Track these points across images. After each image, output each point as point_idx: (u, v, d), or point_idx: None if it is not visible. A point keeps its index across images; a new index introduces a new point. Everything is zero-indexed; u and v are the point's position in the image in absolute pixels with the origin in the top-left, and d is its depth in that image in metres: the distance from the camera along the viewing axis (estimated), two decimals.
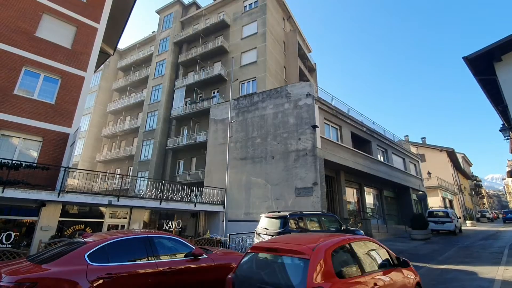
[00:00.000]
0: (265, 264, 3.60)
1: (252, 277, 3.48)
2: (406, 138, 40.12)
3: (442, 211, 20.66)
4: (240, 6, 27.25)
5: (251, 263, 3.70)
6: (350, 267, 3.47)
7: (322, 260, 3.10)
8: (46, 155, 10.70)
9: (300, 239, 3.84)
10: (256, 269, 3.60)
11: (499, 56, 9.94)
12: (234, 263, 5.29)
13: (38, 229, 9.17)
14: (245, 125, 17.45)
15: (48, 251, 4.19)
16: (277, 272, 3.34)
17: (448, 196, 35.50)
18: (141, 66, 34.06)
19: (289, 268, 3.25)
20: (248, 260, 3.73)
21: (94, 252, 3.83)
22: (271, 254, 3.58)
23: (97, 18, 13.31)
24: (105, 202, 10.49)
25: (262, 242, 4.14)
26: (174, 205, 12.99)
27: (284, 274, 3.24)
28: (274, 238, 4.89)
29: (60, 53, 11.88)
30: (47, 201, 9.32)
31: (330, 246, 3.41)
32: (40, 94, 11.23)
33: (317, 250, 3.18)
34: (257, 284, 3.25)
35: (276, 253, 3.49)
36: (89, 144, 32.04)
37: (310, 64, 32.27)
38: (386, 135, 22.76)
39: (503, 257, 9.45)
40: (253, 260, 3.71)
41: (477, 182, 62.90)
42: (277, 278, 3.25)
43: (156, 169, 25.27)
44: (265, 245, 3.80)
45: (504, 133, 10.95)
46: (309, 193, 13.75)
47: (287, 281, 3.10)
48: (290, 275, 3.17)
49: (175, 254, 4.73)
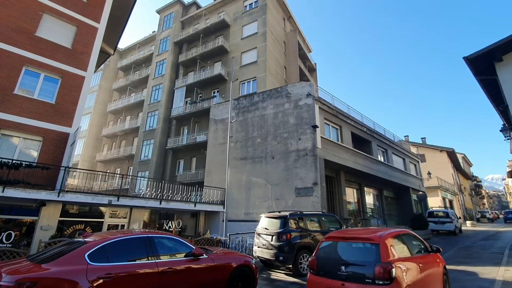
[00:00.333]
0: (341, 248, 4.69)
1: (332, 257, 4.62)
2: (406, 138, 40.11)
3: (442, 211, 20.67)
4: (240, 6, 27.24)
5: (329, 248, 4.84)
6: (403, 250, 4.61)
7: (387, 244, 4.28)
8: (46, 154, 10.69)
9: (366, 231, 5.12)
10: (334, 252, 4.70)
11: (500, 56, 9.93)
12: (235, 263, 5.30)
13: (38, 229, 9.16)
14: (245, 125, 17.45)
15: (48, 251, 4.18)
16: (354, 253, 4.50)
17: (448, 196, 35.49)
18: (141, 66, 34.06)
19: (364, 250, 4.41)
20: (325, 246, 4.90)
21: (94, 252, 3.82)
22: (346, 241, 4.74)
23: (97, 17, 13.30)
24: (105, 202, 10.48)
25: (335, 232, 5.32)
26: (174, 205, 12.98)
27: (361, 254, 4.41)
28: (343, 230, 5.76)
29: (61, 53, 11.87)
30: (47, 200, 9.31)
31: (390, 235, 4.60)
32: (40, 93, 11.21)
33: (383, 238, 4.35)
34: (339, 261, 4.40)
35: (351, 240, 4.70)
36: (89, 143, 32.04)
37: (310, 64, 32.26)
38: (386, 135, 22.75)
39: (504, 258, 9.45)
40: (330, 246, 4.86)
41: (477, 182, 62.88)
42: (355, 257, 4.40)
43: (156, 169, 25.27)
44: (339, 235, 5.01)
45: (504, 133, 10.94)
46: (309, 193, 13.74)
47: (365, 258, 4.24)
48: (365, 255, 4.32)
49: (175, 254, 4.73)
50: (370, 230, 5.09)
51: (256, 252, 8.47)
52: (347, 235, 4.88)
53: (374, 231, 4.89)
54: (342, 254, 4.54)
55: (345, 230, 5.59)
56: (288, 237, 7.64)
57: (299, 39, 28.38)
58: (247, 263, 5.54)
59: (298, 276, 7.44)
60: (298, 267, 7.56)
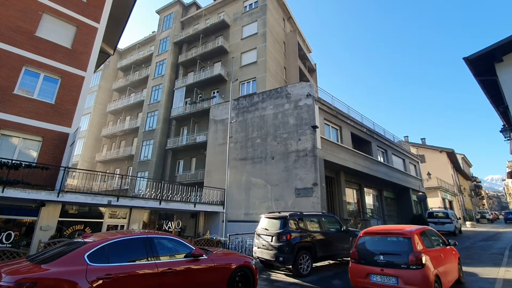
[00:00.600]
0: (377, 241, 5.75)
1: (370, 249, 5.64)
2: (406, 138, 40.13)
3: (442, 212, 20.65)
4: (240, 6, 27.26)
5: (367, 241, 5.84)
6: (427, 243, 5.63)
7: (417, 238, 5.34)
8: (46, 155, 10.68)
9: (396, 227, 6.16)
10: (371, 244, 5.73)
11: (500, 56, 9.94)
12: (235, 264, 5.29)
13: (38, 229, 9.15)
14: (245, 125, 17.44)
15: (48, 251, 4.17)
16: (389, 245, 5.54)
17: (448, 197, 35.49)
18: (141, 66, 34.06)
19: (398, 242, 5.44)
20: (363, 240, 5.91)
21: (93, 253, 3.81)
22: (381, 236, 5.81)
23: (97, 17, 13.30)
24: (105, 202, 10.47)
25: (370, 229, 6.25)
26: (174, 206, 12.97)
27: (395, 246, 5.42)
28: (376, 227, 6.59)
29: (60, 53, 11.86)
30: (47, 201, 9.30)
31: (418, 230, 5.63)
32: (40, 93, 11.21)
33: (413, 233, 5.41)
34: (377, 252, 5.45)
35: (386, 235, 5.75)
36: (88, 144, 32.01)
37: (310, 64, 32.27)
38: (386, 135, 22.75)
39: (504, 258, 9.44)
40: (367, 240, 5.87)
41: (476, 183, 62.94)
42: (391, 248, 5.44)
43: (155, 169, 25.25)
44: (374, 231, 6.07)
45: (504, 134, 10.94)
46: (309, 193, 13.73)
47: (399, 249, 5.27)
48: (400, 246, 5.33)
49: (175, 254, 4.71)
50: (399, 227, 6.09)
51: (256, 253, 8.46)
52: (381, 230, 5.99)
53: (403, 227, 5.90)
54: (379, 246, 5.60)
55: (377, 227, 6.67)
56: (288, 238, 7.63)
57: (299, 39, 28.39)
58: (247, 263, 5.52)
59: (298, 277, 7.43)
60: (298, 267, 7.54)
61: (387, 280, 5.13)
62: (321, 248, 8.25)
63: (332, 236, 8.78)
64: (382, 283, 5.17)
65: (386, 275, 5.14)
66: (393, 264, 5.14)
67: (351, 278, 5.74)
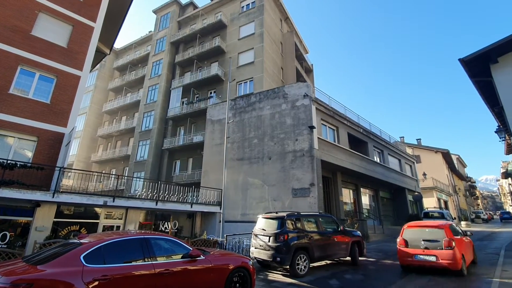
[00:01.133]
0: (419, 231, 8.03)
1: (414, 237, 7.91)
2: (402, 139, 40.39)
3: (438, 212, 20.79)
4: (237, 7, 27.25)
5: (410, 232, 8.11)
6: (454, 233, 7.82)
7: (448, 229, 7.61)
8: (41, 155, 10.57)
9: (432, 222, 8.78)
10: (414, 234, 7.99)
11: (495, 58, 10.04)
12: (232, 264, 5.28)
13: (33, 230, 9.04)
14: (242, 125, 17.44)
15: (44, 252, 4.12)
16: (428, 234, 7.76)
17: (443, 197, 35.78)
18: (137, 66, 33.88)
19: (435, 232, 7.69)
20: (407, 232, 8.17)
21: (90, 254, 3.77)
22: (422, 228, 8.12)
23: (94, 17, 13.20)
24: (100, 203, 10.37)
25: (412, 223, 8.64)
26: (170, 206, 12.89)
27: (433, 234, 7.65)
28: (417, 222, 9.26)
29: (56, 52, 11.75)
30: (42, 201, 9.19)
31: (448, 224, 8.03)
32: (36, 93, 11.09)
33: (445, 225, 7.80)
34: (420, 239, 7.71)
35: (425, 227, 8.07)
36: (84, 144, 31.76)
37: (307, 65, 32.36)
38: (382, 136, 22.89)
39: (500, 258, 9.53)
40: (411, 231, 8.15)
41: (471, 183, 63.51)
42: (430, 236, 7.66)
43: (152, 170, 25.13)
44: (416, 225, 8.45)
45: (499, 135, 11.05)
46: (306, 194, 13.77)
47: (436, 237, 7.51)
48: (436, 234, 7.58)
49: (172, 255, 4.69)
50: (434, 222, 8.74)
51: (253, 253, 8.45)
52: (421, 224, 8.45)
53: (437, 222, 8.59)
54: (421, 235, 7.88)
55: (416, 222, 8.99)
56: (285, 238, 7.63)
57: (295, 40, 28.45)
58: (244, 264, 5.51)
59: (295, 277, 7.43)
60: (295, 268, 7.55)
61: (428, 258, 7.42)
62: (318, 248, 8.27)
63: (329, 236, 8.81)
64: (424, 260, 7.49)
65: (427, 254, 7.45)
66: (432, 247, 7.45)
67: (400, 259, 8.07)
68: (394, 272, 8.16)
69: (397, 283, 6.91)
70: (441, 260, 7.14)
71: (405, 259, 7.84)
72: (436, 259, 7.23)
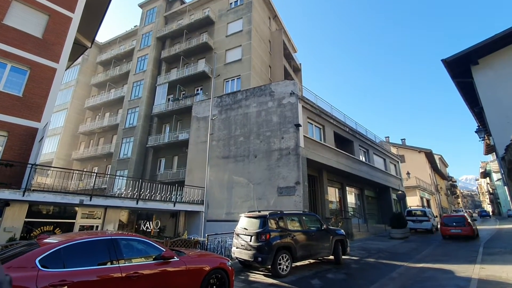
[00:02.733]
0: (451, 218, 16.53)
1: (449, 220, 16.16)
2: (387, 139, 41.07)
3: (420, 210, 21.19)
4: (225, 3, 26.87)
5: (446, 219, 16.50)
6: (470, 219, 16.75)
7: (468, 216, 16.73)
8: (12, 151, 9.98)
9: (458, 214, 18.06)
10: (449, 219, 16.31)
11: (476, 59, 10.18)
12: (209, 266, 5.03)
13: (1, 231, 8.51)
14: (228, 123, 17.15)
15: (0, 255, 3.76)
16: (456, 220, 15.94)
17: (426, 196, 36.64)
18: (122, 61, 32.92)
19: (460, 218, 16.00)
20: (445, 219, 16.51)
21: (46, 257, 3.43)
22: (451, 217, 16.84)
23: (72, 7, 12.60)
24: (76, 202, 9.91)
25: (445, 215, 17.99)
26: (152, 205, 12.51)
27: (459, 220, 15.85)
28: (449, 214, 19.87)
29: (30, 43, 11.13)
30: (11, 200, 8.67)
31: (468, 214, 20.97)
32: (7, 85, 10.46)
33: (465, 215, 16.76)
34: (452, 222, 15.88)
35: (454, 216, 16.80)
36: (64, 141, 30.59)
37: (295, 64, 32.32)
38: (368, 135, 23.10)
39: (478, 256, 9.69)
40: (446, 218, 16.67)
41: (452, 182, 65.46)
42: (457, 221, 15.80)
43: (136, 168, 24.48)
44: (448, 216, 17.40)
45: (479, 135, 11.25)
46: (292, 192, 13.66)
47: (461, 221, 15.72)
48: (461, 220, 15.78)
49: (143, 257, 4.40)
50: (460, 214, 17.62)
51: (234, 253, 8.23)
52: (452, 215, 17.17)
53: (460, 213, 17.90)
54: (453, 220, 15.93)
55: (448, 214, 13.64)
56: (267, 237, 7.44)
57: (284, 38, 28.34)
58: (222, 265, 5.29)
59: (277, 277, 7.26)
60: (277, 268, 7.38)
61: (457, 231, 15.11)
62: (301, 248, 8.13)
63: (313, 235, 8.68)
64: (455, 232, 15.13)
65: (456, 228, 15.16)
66: (458, 226, 15.19)
67: (442, 232, 15.82)
68: (376, 270, 8.13)
69: (379, 282, 6.85)
70: (464, 232, 14.92)
71: (445, 232, 15.59)
72: (461, 231, 14.98)
